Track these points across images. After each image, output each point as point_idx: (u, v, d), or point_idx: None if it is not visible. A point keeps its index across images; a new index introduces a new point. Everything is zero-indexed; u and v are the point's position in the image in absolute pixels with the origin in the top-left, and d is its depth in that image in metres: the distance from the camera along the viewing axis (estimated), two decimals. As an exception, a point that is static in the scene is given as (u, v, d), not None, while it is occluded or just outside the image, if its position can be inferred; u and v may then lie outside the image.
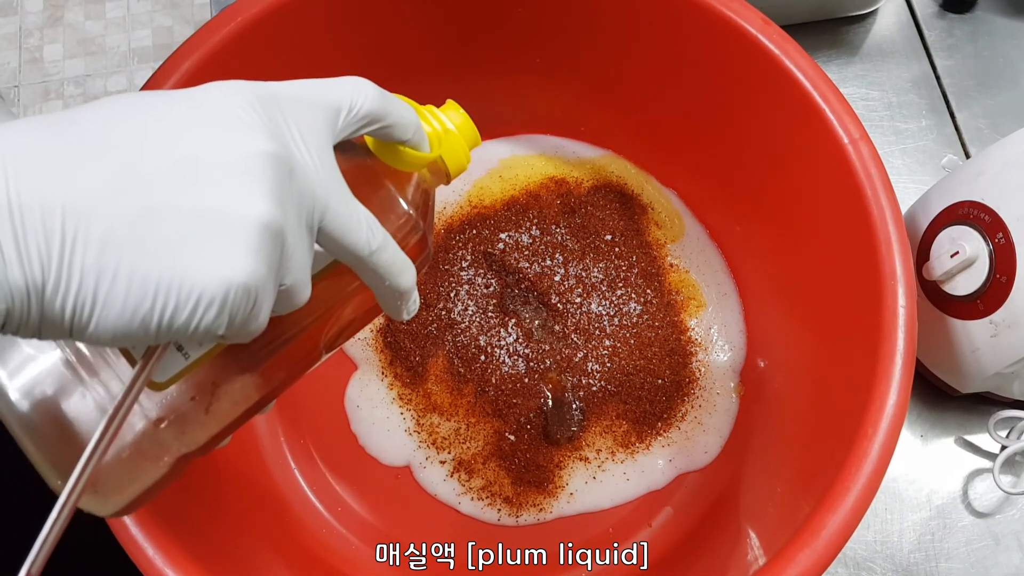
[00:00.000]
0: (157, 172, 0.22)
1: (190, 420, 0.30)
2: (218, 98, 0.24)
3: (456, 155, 0.35)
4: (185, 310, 0.22)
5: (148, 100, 0.24)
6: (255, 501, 0.51)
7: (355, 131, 0.29)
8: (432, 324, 0.56)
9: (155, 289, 0.22)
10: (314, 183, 0.25)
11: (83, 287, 0.21)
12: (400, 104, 0.30)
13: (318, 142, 0.26)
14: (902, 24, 0.65)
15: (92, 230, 0.21)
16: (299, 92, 0.27)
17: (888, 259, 0.42)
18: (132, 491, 0.30)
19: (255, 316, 0.24)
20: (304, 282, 0.26)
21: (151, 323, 0.22)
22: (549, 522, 0.52)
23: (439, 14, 0.52)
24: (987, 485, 0.52)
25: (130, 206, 0.22)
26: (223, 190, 0.23)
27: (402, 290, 0.30)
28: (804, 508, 0.39)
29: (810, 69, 0.45)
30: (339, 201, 0.27)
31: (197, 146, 0.23)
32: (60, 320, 0.21)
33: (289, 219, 0.24)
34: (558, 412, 0.54)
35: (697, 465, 0.53)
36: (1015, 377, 0.49)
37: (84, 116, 0.23)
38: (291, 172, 0.24)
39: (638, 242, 0.59)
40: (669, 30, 0.50)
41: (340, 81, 0.28)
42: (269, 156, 0.24)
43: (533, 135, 0.62)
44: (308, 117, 0.26)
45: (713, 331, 0.57)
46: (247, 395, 0.32)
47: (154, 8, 1.46)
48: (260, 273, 0.23)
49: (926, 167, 0.61)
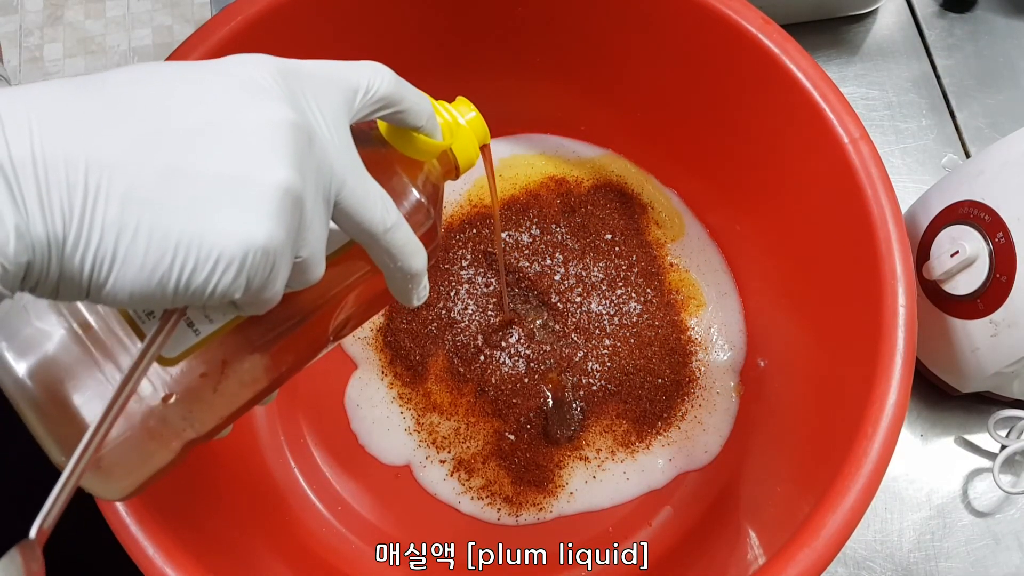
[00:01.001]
0: (181, 133, 0.22)
1: (198, 398, 0.30)
2: (242, 68, 0.25)
3: (466, 149, 0.35)
4: (204, 270, 0.22)
5: (174, 67, 0.24)
6: (255, 500, 0.51)
7: (371, 113, 0.29)
8: (432, 323, 0.56)
9: (175, 247, 0.22)
10: (332, 156, 0.26)
11: (103, 242, 0.21)
12: (415, 92, 0.31)
13: (336, 118, 0.27)
14: (902, 24, 0.65)
15: (115, 186, 0.21)
16: (319, 69, 0.27)
17: (888, 259, 0.41)
18: (139, 474, 0.30)
19: (272, 283, 0.24)
20: (319, 256, 0.26)
21: (169, 283, 0.22)
22: (549, 522, 0.52)
23: (439, 14, 0.52)
24: (987, 485, 0.52)
25: (154, 165, 0.22)
26: (246, 154, 0.23)
27: (413, 272, 0.31)
28: (804, 507, 0.39)
29: (810, 68, 0.45)
30: (356, 177, 0.27)
31: (222, 111, 0.23)
32: (79, 277, 0.21)
33: (308, 187, 0.24)
34: (558, 412, 0.54)
35: (697, 464, 0.53)
36: (1015, 376, 0.49)
37: (111, 78, 0.23)
38: (311, 142, 0.25)
39: (638, 241, 0.59)
40: (669, 29, 0.50)
41: (359, 64, 0.29)
42: (292, 124, 0.24)
43: (533, 134, 0.62)
44: (327, 93, 0.27)
45: (713, 330, 0.57)
46: (255, 377, 0.32)
47: (154, 7, 1.46)
48: (279, 237, 0.23)
49: (926, 167, 0.61)
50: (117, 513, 0.37)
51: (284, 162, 0.23)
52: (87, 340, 0.28)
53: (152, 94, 0.23)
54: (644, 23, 0.50)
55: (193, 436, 0.30)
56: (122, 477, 0.30)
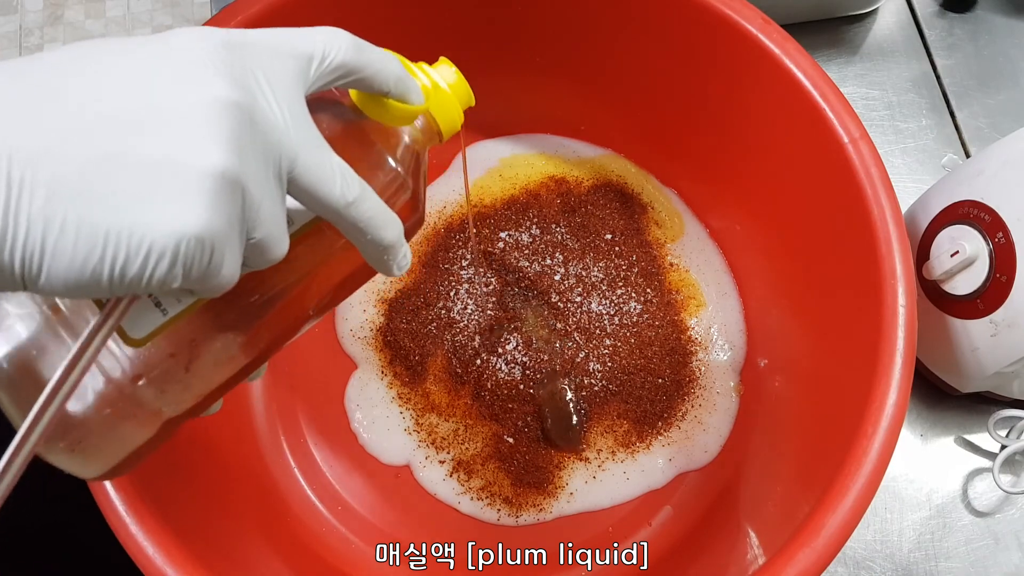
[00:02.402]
0: (111, 119, 0.22)
1: (170, 378, 0.29)
2: (181, 43, 0.24)
3: (448, 113, 0.33)
4: (136, 262, 0.21)
5: (112, 45, 0.23)
6: (255, 500, 0.51)
7: (331, 82, 0.28)
8: (432, 323, 0.56)
9: (104, 240, 0.21)
10: (281, 132, 0.25)
11: (30, 237, 0.21)
12: (380, 54, 0.29)
13: (287, 91, 0.25)
14: (902, 23, 0.65)
15: (39, 178, 0.20)
16: (270, 40, 0.26)
17: (888, 259, 0.41)
18: (115, 453, 0.29)
19: (215, 269, 0.23)
20: (277, 236, 0.26)
21: (102, 274, 0.21)
22: (549, 522, 0.52)
23: (439, 13, 0.52)
24: (987, 484, 0.52)
25: (80, 154, 0.21)
26: (178, 138, 0.22)
27: (385, 244, 0.29)
28: (804, 507, 0.39)
29: (810, 68, 0.45)
30: (309, 151, 0.26)
31: (154, 93, 0.22)
32: (11, 270, 0.21)
33: (249, 169, 0.23)
34: (558, 425, 0.54)
35: (697, 464, 0.53)
36: (1015, 376, 0.49)
37: (42, 61, 0.22)
38: (252, 121, 0.24)
39: (638, 241, 0.59)
40: (670, 29, 0.50)
41: (314, 30, 0.27)
42: (229, 104, 0.23)
43: (533, 134, 0.62)
44: (277, 65, 0.25)
45: (713, 330, 0.57)
46: (231, 355, 0.31)
47: (154, 7, 1.46)
48: (216, 224, 0.22)
49: (926, 166, 0.61)
50: (117, 513, 0.37)
51: (220, 145, 0.22)
52: (55, 320, 0.28)
53: (85, 77, 0.22)
54: (644, 23, 0.50)
55: (172, 415, 0.30)
56: (99, 457, 0.29)
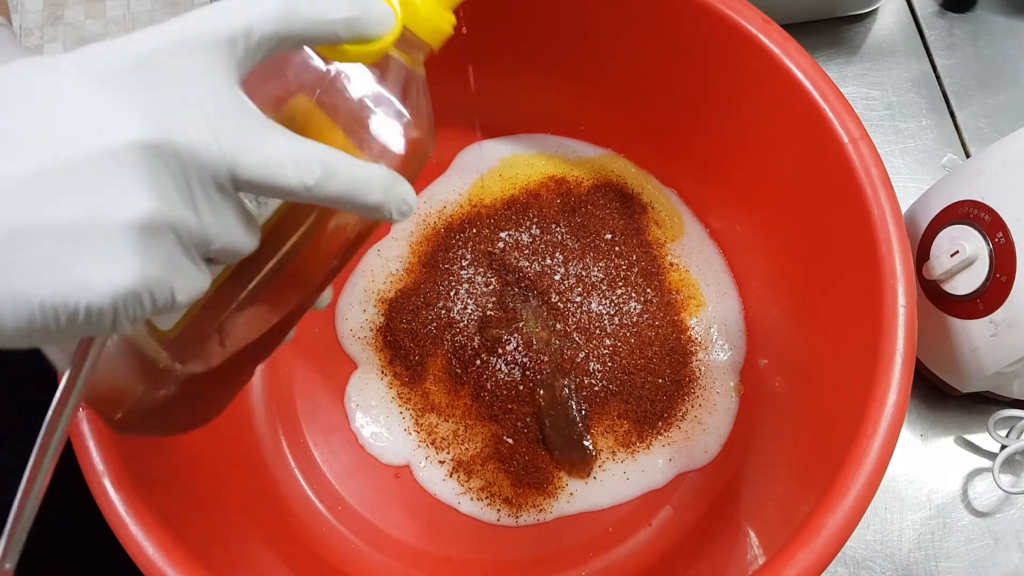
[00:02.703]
0: (21, 184, 0.21)
1: (209, 357, 0.31)
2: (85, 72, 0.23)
3: (430, 19, 0.30)
4: (77, 321, 0.21)
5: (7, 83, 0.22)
6: (255, 500, 0.51)
7: (267, 54, 0.26)
8: (432, 323, 0.56)
9: (39, 308, 0.21)
10: (210, 143, 0.23)
11: None
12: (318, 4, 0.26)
13: (213, 90, 0.24)
14: (902, 23, 0.65)
15: None
16: (184, 35, 0.24)
17: (888, 259, 0.41)
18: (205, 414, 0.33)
19: (166, 305, 0.23)
20: (238, 238, 0.25)
21: (51, 332, 0.21)
22: (549, 522, 0.52)
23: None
24: (987, 484, 0.52)
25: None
26: (94, 195, 0.21)
27: (370, 207, 0.27)
28: (804, 507, 0.39)
29: (810, 68, 0.45)
30: (248, 151, 0.24)
31: (63, 144, 0.21)
32: None
33: (177, 204, 0.23)
34: (557, 432, 0.54)
35: (697, 464, 0.53)
36: (1015, 376, 0.49)
37: None
38: (175, 151, 0.23)
39: (638, 241, 0.59)
40: (669, 29, 0.50)
41: (233, 5, 0.25)
42: (142, 146, 0.22)
43: (533, 134, 0.62)
44: (196, 63, 0.24)
45: (713, 330, 0.57)
46: (263, 320, 0.32)
47: (154, 7, 1.46)
48: (150, 271, 0.22)
49: (926, 166, 0.61)
50: (117, 513, 0.37)
51: (139, 192, 0.22)
52: None
53: None
54: (644, 23, 0.50)
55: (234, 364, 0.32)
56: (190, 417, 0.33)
